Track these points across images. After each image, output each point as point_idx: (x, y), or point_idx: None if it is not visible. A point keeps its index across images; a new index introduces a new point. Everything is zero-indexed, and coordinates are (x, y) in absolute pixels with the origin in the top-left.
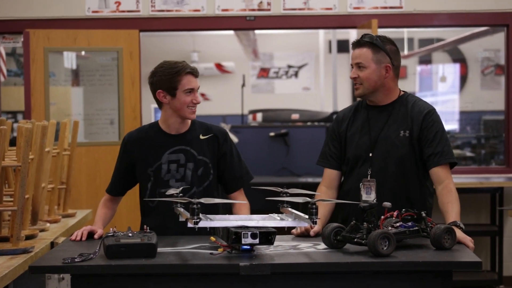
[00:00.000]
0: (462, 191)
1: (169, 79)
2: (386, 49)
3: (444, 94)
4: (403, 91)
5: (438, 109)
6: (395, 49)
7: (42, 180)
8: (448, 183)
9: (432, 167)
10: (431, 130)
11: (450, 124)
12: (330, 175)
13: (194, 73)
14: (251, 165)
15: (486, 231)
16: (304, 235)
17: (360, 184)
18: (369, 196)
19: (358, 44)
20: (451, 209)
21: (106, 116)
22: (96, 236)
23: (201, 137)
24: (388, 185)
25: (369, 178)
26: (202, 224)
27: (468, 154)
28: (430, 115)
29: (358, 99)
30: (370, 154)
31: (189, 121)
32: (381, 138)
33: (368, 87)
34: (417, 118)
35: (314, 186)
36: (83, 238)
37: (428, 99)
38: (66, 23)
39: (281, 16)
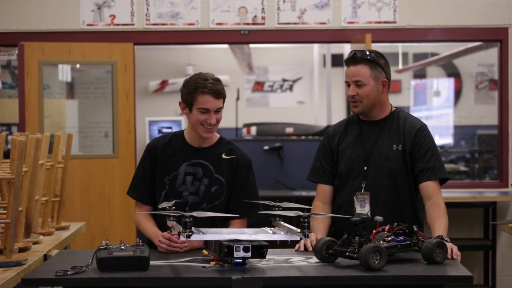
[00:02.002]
0: (455, 206)
1: (188, 93)
2: (381, 64)
3: (439, 108)
4: (395, 106)
5: (432, 123)
6: (386, 62)
7: (35, 192)
8: (437, 198)
9: (422, 182)
10: (423, 145)
11: (444, 139)
12: (324, 190)
13: (214, 93)
14: None
15: (479, 246)
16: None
17: (354, 197)
18: (363, 209)
19: (354, 61)
20: (438, 224)
21: (101, 129)
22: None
23: (224, 156)
24: (381, 198)
25: (363, 191)
26: (194, 237)
27: (462, 168)
28: (422, 131)
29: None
30: (365, 168)
31: (217, 137)
32: (374, 152)
33: (368, 104)
34: (409, 134)
35: (308, 200)
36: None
37: (423, 113)
38: (61, 36)
39: (275, 30)
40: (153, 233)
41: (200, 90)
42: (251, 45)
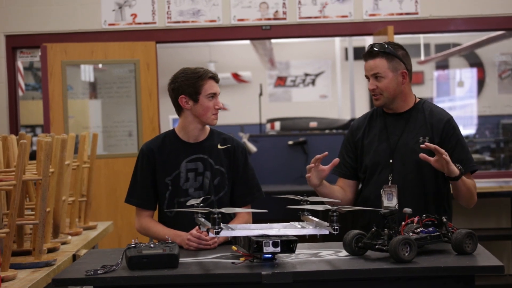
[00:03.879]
0: (482, 196)
1: (192, 84)
2: (399, 55)
3: (462, 99)
4: (419, 98)
5: (456, 114)
6: (405, 53)
7: (62, 193)
8: None
9: None
10: (452, 138)
11: (469, 129)
12: (343, 183)
13: (216, 78)
14: (270, 173)
15: (507, 235)
16: None
17: (381, 190)
18: (390, 202)
19: (370, 55)
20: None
21: (125, 128)
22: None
23: (219, 146)
24: (408, 191)
25: (390, 184)
26: (223, 233)
27: (487, 158)
28: (450, 123)
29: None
30: (391, 161)
31: (208, 129)
32: (400, 145)
33: (388, 96)
34: (437, 126)
35: None
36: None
37: (446, 104)
38: (83, 36)
39: (297, 25)
40: (172, 233)
41: (206, 76)
42: (273, 40)
